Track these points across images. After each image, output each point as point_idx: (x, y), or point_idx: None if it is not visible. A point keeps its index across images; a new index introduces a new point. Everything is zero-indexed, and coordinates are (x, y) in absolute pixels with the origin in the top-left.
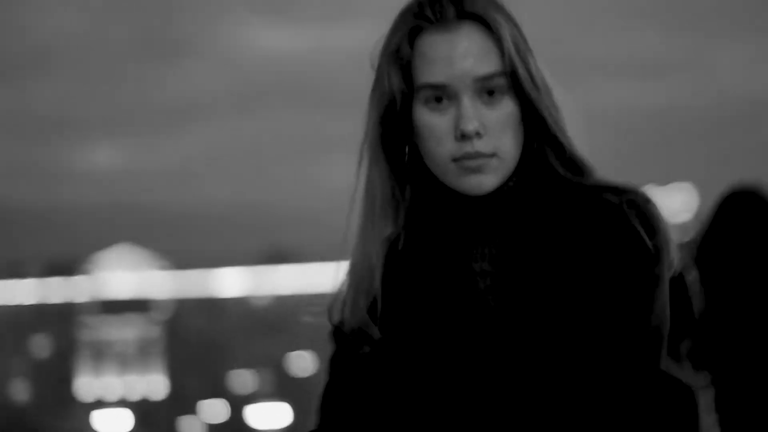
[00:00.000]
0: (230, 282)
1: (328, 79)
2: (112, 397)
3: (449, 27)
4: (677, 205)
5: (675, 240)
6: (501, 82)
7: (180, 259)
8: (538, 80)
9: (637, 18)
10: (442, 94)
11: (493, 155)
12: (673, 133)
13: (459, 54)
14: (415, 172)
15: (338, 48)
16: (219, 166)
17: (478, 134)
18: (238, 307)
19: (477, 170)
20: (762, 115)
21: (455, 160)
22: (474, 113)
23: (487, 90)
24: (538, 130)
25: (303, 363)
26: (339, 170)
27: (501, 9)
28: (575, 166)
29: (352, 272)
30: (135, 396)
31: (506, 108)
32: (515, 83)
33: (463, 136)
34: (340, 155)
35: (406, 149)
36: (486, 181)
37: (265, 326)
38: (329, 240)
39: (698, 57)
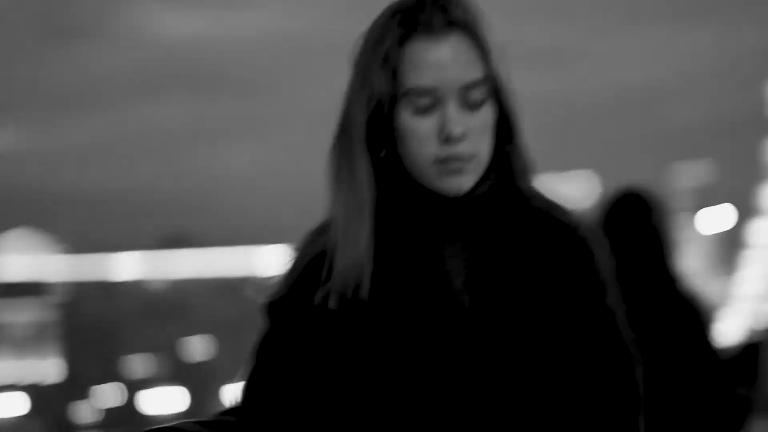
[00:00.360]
0: (127, 266)
1: (227, 65)
2: (7, 380)
3: (438, 34)
4: (578, 192)
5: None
6: (484, 88)
7: (77, 243)
8: (512, 87)
9: (532, 8)
10: (428, 99)
11: (473, 158)
12: (570, 122)
13: (448, 61)
14: (391, 174)
15: (238, 34)
16: (117, 151)
17: (462, 138)
18: (135, 291)
19: (458, 172)
20: (655, 103)
21: (438, 161)
22: (459, 118)
23: (470, 96)
24: (506, 134)
25: (199, 348)
26: (236, 156)
27: (482, 18)
28: (528, 168)
29: (339, 271)
30: (29, 380)
31: (486, 113)
32: (495, 90)
33: (448, 139)
34: (239, 141)
35: (383, 152)
36: (465, 182)
37: (161, 311)
38: (226, 225)
39: (591, 46)
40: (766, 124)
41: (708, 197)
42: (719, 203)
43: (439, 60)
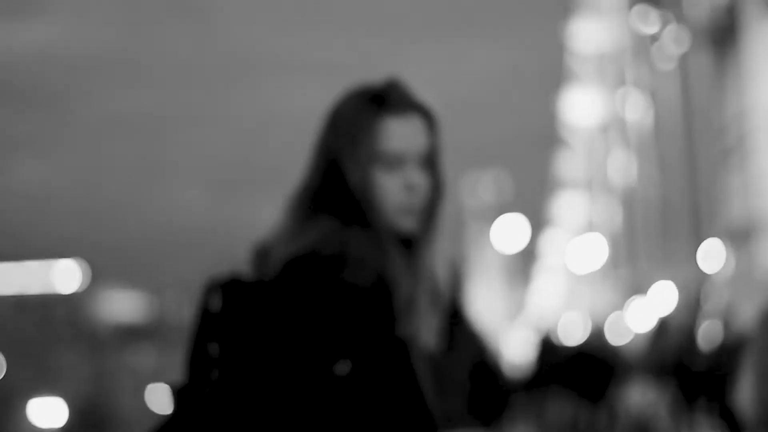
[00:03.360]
0: None
1: (12, 76)
2: None
3: (404, 113)
4: None
5: None
6: (432, 156)
7: None
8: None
9: (326, 20)
10: (396, 160)
11: (421, 207)
12: None
13: (412, 133)
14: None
15: (24, 45)
16: None
17: (420, 190)
18: None
19: (413, 216)
20: (449, 117)
21: (402, 208)
22: (418, 175)
23: (425, 161)
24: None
25: None
26: (22, 170)
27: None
28: None
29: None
30: None
31: (430, 176)
32: (433, 160)
33: (411, 190)
34: (22, 154)
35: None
36: (414, 224)
37: None
38: (16, 241)
39: (389, 56)
40: (556, 138)
41: (501, 210)
42: (513, 216)
43: (406, 132)
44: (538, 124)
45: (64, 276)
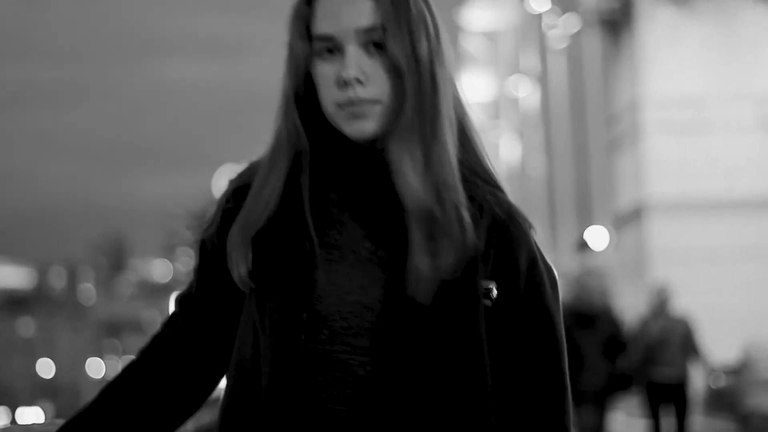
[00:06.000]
0: None
1: None
2: None
3: None
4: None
5: None
6: (382, 34)
7: None
8: (415, 35)
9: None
10: (329, 44)
11: (375, 102)
12: (236, 111)
13: (343, 9)
14: (321, 122)
15: None
16: None
17: (358, 82)
18: None
19: (359, 116)
20: None
21: (339, 106)
22: (356, 62)
23: (368, 41)
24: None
25: None
26: None
27: None
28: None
29: (245, 209)
30: None
31: (387, 59)
32: (394, 36)
33: (344, 83)
34: None
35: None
36: (367, 127)
37: None
38: None
39: (271, 38)
40: None
41: None
42: None
43: (335, 9)
44: None
45: None
